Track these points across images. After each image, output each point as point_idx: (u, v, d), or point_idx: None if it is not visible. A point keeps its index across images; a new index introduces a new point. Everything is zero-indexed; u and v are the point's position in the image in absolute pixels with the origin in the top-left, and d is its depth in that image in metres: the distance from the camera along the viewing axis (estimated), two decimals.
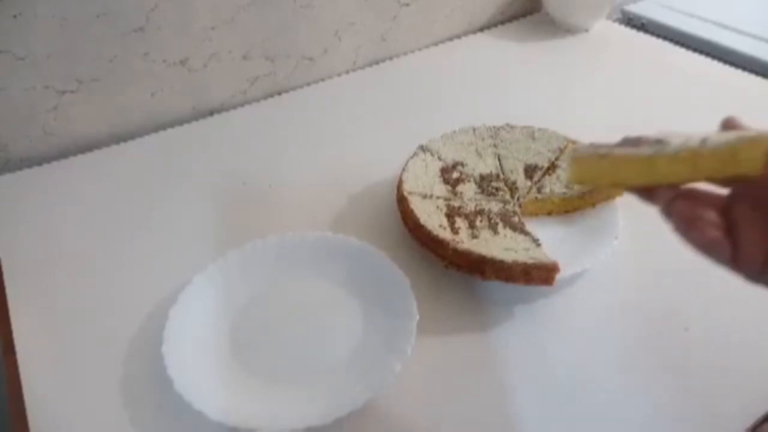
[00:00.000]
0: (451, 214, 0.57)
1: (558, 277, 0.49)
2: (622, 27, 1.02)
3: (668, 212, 0.34)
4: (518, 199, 0.60)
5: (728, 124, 0.36)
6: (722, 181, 0.34)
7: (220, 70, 0.79)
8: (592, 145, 0.35)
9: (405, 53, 0.93)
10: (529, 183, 0.62)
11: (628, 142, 0.35)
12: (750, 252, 0.32)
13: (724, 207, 0.34)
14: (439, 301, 0.53)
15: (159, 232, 0.61)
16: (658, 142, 0.33)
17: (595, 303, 0.53)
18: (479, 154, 0.65)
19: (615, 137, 0.34)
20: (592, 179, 0.36)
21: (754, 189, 0.34)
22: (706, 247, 0.33)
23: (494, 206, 0.59)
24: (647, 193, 0.36)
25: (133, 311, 0.52)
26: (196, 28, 0.74)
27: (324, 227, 0.60)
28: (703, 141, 0.32)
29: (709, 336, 0.49)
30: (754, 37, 0.95)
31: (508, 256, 0.50)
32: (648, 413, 0.44)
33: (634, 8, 1.05)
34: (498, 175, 0.63)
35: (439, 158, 0.64)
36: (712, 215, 0.34)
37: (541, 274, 0.49)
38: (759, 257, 0.32)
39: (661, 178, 0.33)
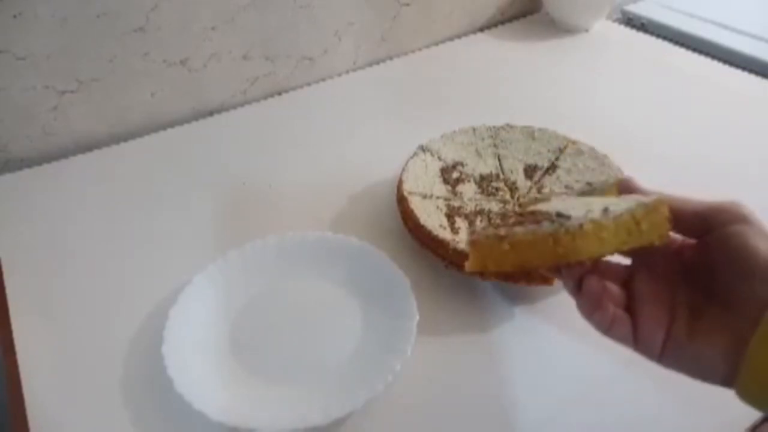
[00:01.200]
0: (451, 214, 0.57)
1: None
2: (622, 27, 1.02)
3: (577, 293, 0.33)
4: (518, 199, 0.60)
5: (624, 188, 0.34)
6: (628, 252, 0.33)
7: (220, 70, 0.79)
8: (490, 227, 0.33)
9: (405, 53, 0.93)
10: (529, 183, 0.62)
11: (527, 218, 0.33)
12: (649, 330, 0.31)
13: (625, 280, 0.33)
14: (439, 301, 0.53)
15: (159, 232, 0.61)
16: (559, 215, 0.31)
17: None
18: (479, 154, 0.65)
19: (615, 137, 0.34)
20: (495, 264, 0.32)
21: (650, 259, 0.33)
22: (609, 329, 0.31)
23: (494, 206, 0.59)
24: (555, 270, 0.34)
25: (133, 311, 0.52)
26: (196, 28, 0.74)
27: (324, 227, 0.60)
28: (605, 211, 0.30)
29: None
30: (754, 37, 0.95)
31: None
32: (648, 413, 0.44)
33: (634, 8, 1.05)
34: (498, 175, 0.63)
35: (439, 158, 0.64)
36: (614, 289, 0.32)
37: (541, 274, 0.49)
38: (659, 336, 0.31)
39: (567, 256, 0.30)
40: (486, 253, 0.32)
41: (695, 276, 0.32)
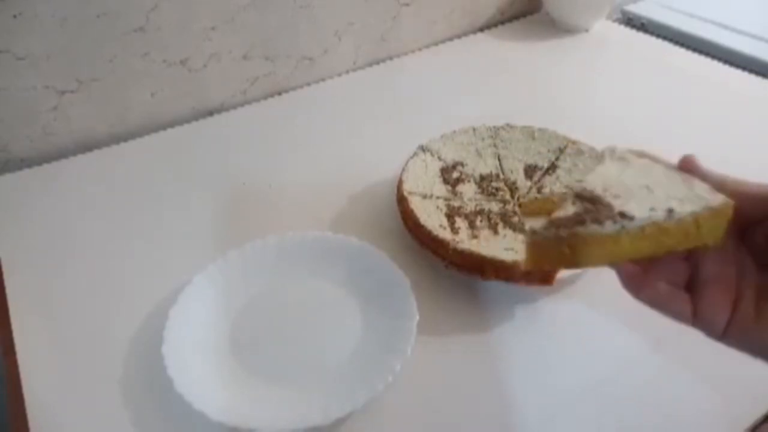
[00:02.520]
0: (451, 214, 0.57)
1: (558, 277, 0.49)
2: (622, 27, 1.02)
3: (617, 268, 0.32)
4: (518, 199, 0.60)
5: (685, 165, 0.34)
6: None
7: (220, 70, 0.79)
8: (551, 224, 0.31)
9: (405, 53, 0.93)
10: (529, 183, 0.61)
11: (588, 211, 0.31)
12: (714, 309, 0.30)
13: (689, 256, 0.32)
14: (439, 301, 0.53)
15: (159, 232, 0.61)
16: (623, 215, 0.30)
17: (595, 302, 0.53)
18: (479, 154, 0.65)
19: (615, 137, 0.34)
20: (551, 264, 0.32)
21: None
22: (663, 307, 0.31)
23: (494, 206, 0.59)
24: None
25: (133, 311, 0.52)
26: (196, 28, 0.74)
27: (324, 227, 0.60)
28: (670, 212, 0.29)
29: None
30: (754, 37, 0.95)
31: (508, 256, 0.50)
32: (648, 413, 0.44)
33: (634, 8, 1.05)
34: (498, 175, 0.63)
35: (439, 158, 0.64)
36: (675, 264, 0.32)
37: (541, 274, 0.49)
38: (724, 315, 0.30)
39: (623, 257, 0.30)
40: (543, 255, 0.32)
41: (766, 257, 0.31)
